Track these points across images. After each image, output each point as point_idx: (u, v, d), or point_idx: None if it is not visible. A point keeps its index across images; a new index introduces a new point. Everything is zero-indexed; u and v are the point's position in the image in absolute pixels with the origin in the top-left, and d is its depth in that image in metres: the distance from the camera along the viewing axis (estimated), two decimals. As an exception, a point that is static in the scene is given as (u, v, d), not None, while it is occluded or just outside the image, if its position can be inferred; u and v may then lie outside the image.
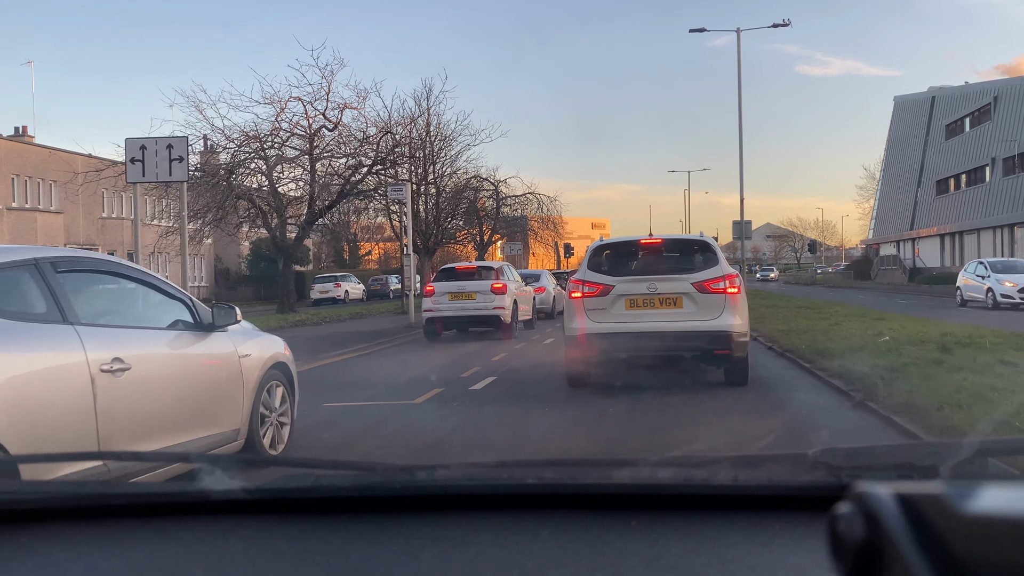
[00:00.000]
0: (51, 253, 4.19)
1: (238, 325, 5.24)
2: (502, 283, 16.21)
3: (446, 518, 1.37)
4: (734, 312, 7.96)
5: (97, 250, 22.68)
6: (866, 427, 6.28)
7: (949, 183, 50.55)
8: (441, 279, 17.02)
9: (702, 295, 7.94)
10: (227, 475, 1.49)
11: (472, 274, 16.94)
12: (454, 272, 17.33)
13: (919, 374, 7.94)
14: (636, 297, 8.04)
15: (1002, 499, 0.64)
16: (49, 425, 3.62)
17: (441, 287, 16.43)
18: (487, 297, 15.98)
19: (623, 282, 8.13)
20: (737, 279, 8.19)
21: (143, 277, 4.83)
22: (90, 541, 1.38)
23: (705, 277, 8.02)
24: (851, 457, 1.65)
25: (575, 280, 8.47)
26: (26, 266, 3.88)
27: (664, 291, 8.00)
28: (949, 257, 48.78)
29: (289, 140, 24.04)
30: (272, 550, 1.32)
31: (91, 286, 4.50)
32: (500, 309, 15.90)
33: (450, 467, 1.71)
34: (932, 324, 14.67)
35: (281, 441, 5.62)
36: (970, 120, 48.35)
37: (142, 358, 4.24)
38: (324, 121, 23.84)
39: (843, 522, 0.68)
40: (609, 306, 8.05)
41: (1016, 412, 5.95)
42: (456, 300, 16.12)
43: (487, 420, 7.09)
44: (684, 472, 1.49)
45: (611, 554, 1.21)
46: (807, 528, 1.23)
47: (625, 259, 8.80)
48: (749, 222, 28.57)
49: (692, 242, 8.95)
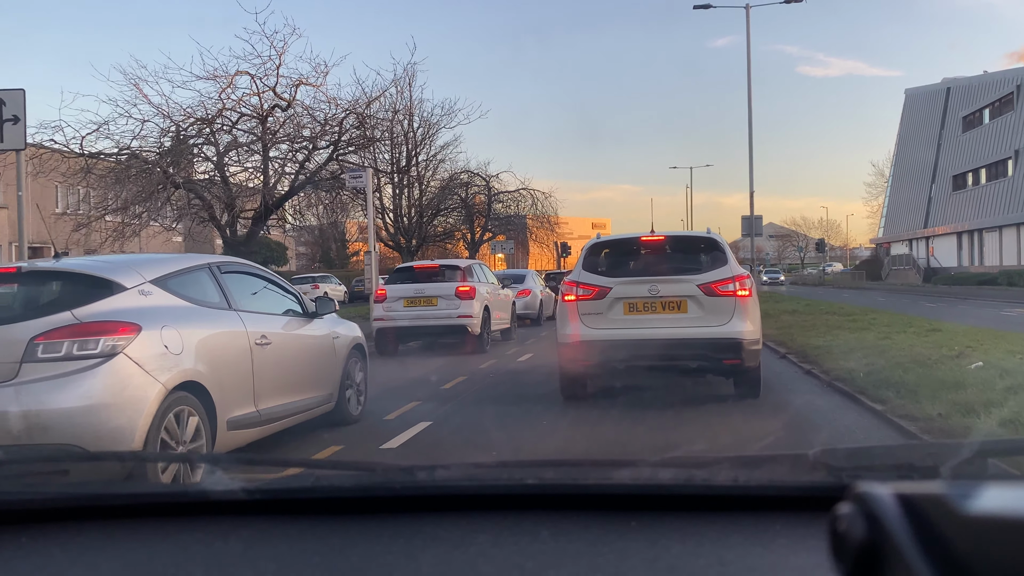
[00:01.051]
0: (216, 259, 5.87)
1: (331, 314, 6.87)
2: (470, 285, 13.52)
3: (446, 518, 1.37)
4: (745, 317, 7.23)
5: (49, 248, 21.41)
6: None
7: (967, 178, 47.92)
8: (395, 280, 14.23)
9: (709, 298, 7.26)
10: (227, 475, 1.49)
11: (434, 274, 14.14)
12: (411, 272, 14.42)
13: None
14: (636, 300, 7.37)
15: (1002, 499, 0.64)
16: (228, 378, 5.04)
17: (395, 290, 13.65)
18: (451, 303, 13.31)
19: (622, 284, 7.44)
20: (748, 280, 7.46)
21: (267, 276, 6.49)
22: (90, 542, 1.38)
23: (713, 278, 7.32)
24: (851, 457, 1.66)
25: (569, 282, 7.75)
26: (204, 268, 5.50)
27: (667, 294, 7.33)
28: (967, 256, 46.45)
29: (239, 122, 20.66)
30: (272, 551, 1.32)
31: (238, 282, 5.83)
32: (466, 317, 13.23)
33: (450, 467, 1.71)
34: (1014, 338, 11.19)
35: (360, 404, 7.21)
36: (989, 111, 45.79)
37: (277, 336, 5.79)
38: (276, 99, 20.51)
39: (844, 522, 0.68)
40: (606, 310, 7.38)
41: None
42: (413, 307, 13.40)
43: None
44: (684, 473, 1.49)
45: (611, 555, 1.21)
46: (808, 529, 1.23)
47: (624, 258, 8.08)
48: (760, 217, 25.95)
49: (698, 239, 8.19)
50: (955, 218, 47.99)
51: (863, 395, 7.20)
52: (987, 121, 46.22)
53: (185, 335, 4.73)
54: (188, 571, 1.26)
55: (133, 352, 4.33)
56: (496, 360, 12.00)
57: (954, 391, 6.59)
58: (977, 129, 47.08)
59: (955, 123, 49.62)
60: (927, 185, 52.37)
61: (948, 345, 10.25)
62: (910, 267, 51.50)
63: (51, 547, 1.36)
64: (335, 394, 6.64)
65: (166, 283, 4.99)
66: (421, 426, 6.67)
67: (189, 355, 4.69)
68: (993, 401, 6.09)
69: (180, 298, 5.02)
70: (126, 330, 4.36)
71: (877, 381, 7.61)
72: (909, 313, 18.55)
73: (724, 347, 7.18)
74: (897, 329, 13.49)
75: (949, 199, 49.43)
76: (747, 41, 24.85)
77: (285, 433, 5.91)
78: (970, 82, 49.05)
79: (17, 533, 1.40)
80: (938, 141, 51.49)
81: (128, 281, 4.73)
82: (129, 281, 4.73)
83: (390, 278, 14.85)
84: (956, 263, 46.89)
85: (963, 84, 49.81)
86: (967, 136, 47.94)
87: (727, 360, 7.23)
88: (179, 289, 5.07)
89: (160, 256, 5.91)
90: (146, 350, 4.40)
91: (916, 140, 53.77)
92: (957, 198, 48.61)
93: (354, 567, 1.24)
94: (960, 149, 48.55)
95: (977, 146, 46.57)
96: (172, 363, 4.53)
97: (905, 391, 6.95)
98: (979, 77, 48.66)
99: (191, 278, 5.30)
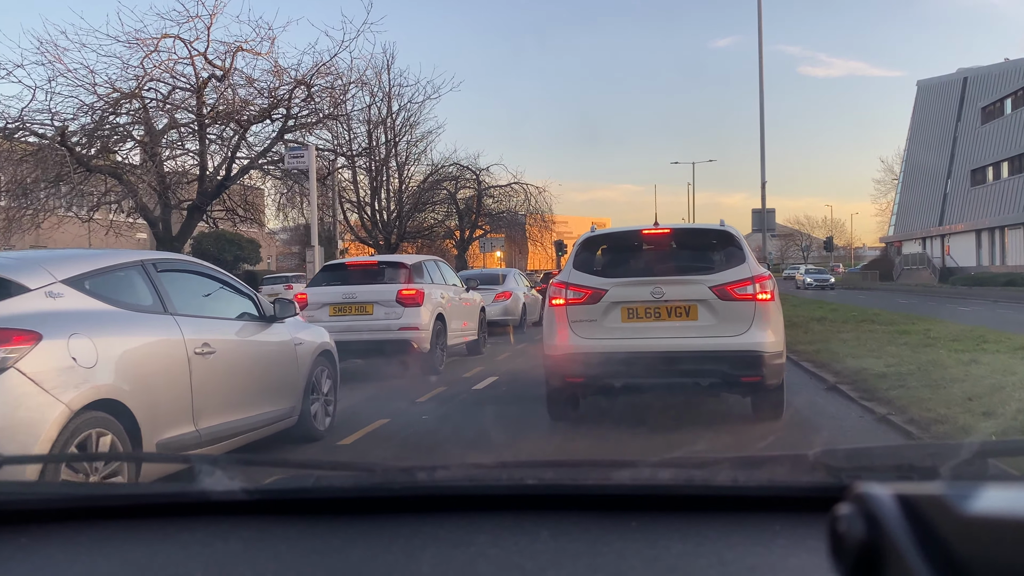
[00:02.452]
0: (151, 256, 5.17)
1: (294, 317, 6.23)
2: (416, 288, 10.56)
3: (446, 519, 1.37)
4: (766, 325, 6.18)
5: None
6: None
7: (986, 172, 45.07)
8: (321, 282, 11.20)
9: (724, 303, 6.19)
10: (227, 476, 1.49)
11: (371, 274, 11.12)
12: (342, 271, 11.46)
13: None
14: (636, 305, 6.31)
15: (1002, 500, 0.65)
16: (158, 395, 4.42)
17: (319, 295, 10.67)
18: (391, 310, 10.37)
19: (619, 285, 6.39)
20: (770, 282, 6.37)
21: (216, 275, 5.73)
22: (89, 542, 1.38)
23: (728, 279, 6.25)
24: (851, 458, 1.66)
25: (557, 283, 6.65)
26: (135, 266, 4.80)
27: (674, 297, 6.28)
28: (987, 255, 43.60)
29: (172, 96, 17.14)
30: (272, 551, 1.32)
31: (179, 283, 5.21)
32: (410, 329, 10.26)
33: (450, 467, 1.71)
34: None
35: (328, 416, 6.57)
36: (1012, 101, 43.03)
37: (224, 343, 5.16)
38: (210, 68, 17.13)
39: (843, 523, 0.68)
40: (600, 317, 6.34)
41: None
42: (341, 316, 10.42)
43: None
44: (684, 473, 1.49)
45: (611, 555, 1.21)
46: (807, 529, 1.23)
47: (623, 255, 7.05)
48: (772, 211, 22.81)
49: (710, 233, 7.01)
50: (974, 215, 45.16)
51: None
52: (1009, 111, 43.35)
53: (101, 345, 4.07)
54: (188, 571, 1.26)
55: (28, 366, 3.66)
56: (446, 387, 9.14)
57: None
58: (997, 120, 44.26)
59: (973, 115, 46.69)
60: (942, 181, 49.58)
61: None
62: (924, 267, 48.97)
63: (51, 547, 1.36)
64: (298, 407, 5.99)
65: (83, 283, 4.31)
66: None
67: (106, 368, 4.03)
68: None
69: (100, 300, 4.34)
70: (21, 339, 3.68)
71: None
72: (952, 320, 16.18)
73: (742, 361, 6.10)
74: (967, 344, 10.81)
75: (967, 195, 46.64)
76: (758, 15, 22.16)
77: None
78: (989, 71, 46.03)
79: (17, 533, 1.40)
80: (954, 134, 48.69)
81: (32, 281, 4.07)
82: (34, 281, 4.07)
83: (314, 278, 11.84)
84: (975, 262, 44.23)
85: (981, 73, 46.71)
86: (986, 128, 45.04)
87: (745, 377, 6.14)
88: (99, 290, 4.39)
89: (79, 252, 5.09)
90: (46, 363, 3.73)
91: (930, 134, 50.96)
92: (976, 194, 45.78)
93: (354, 567, 1.25)
94: (979, 142, 45.67)
95: (998, 138, 43.75)
96: (80, 378, 3.86)
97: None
98: (999, 65, 45.73)
99: (116, 277, 4.61)
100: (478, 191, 33.67)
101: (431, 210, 33.04)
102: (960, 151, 48.15)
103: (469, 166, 33.30)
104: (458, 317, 11.90)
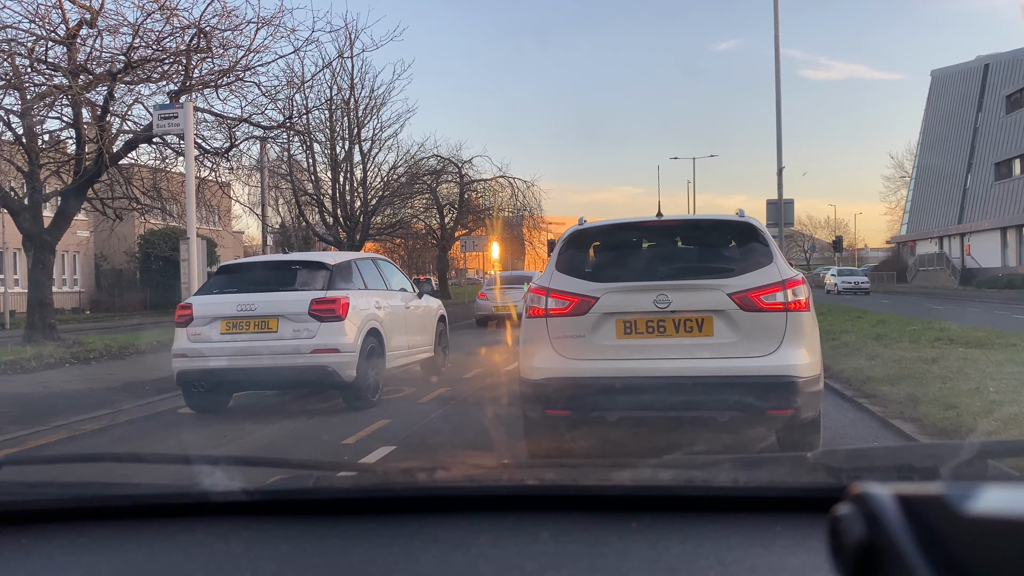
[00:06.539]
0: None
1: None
2: (335, 297, 8.05)
3: (446, 519, 1.37)
4: (800, 342, 4.81)
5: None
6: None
7: (1013, 165, 40.58)
8: (213, 288, 8.61)
9: (747, 314, 4.82)
10: (227, 476, 1.49)
11: (278, 278, 8.52)
12: (243, 274, 8.81)
13: None
14: (635, 317, 4.93)
15: (1002, 500, 0.65)
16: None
17: (208, 306, 8.12)
18: (301, 327, 7.88)
19: (613, 292, 5.00)
20: (804, 287, 4.96)
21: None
22: (90, 542, 1.38)
23: (752, 284, 4.87)
24: (851, 458, 1.66)
25: (536, 289, 5.24)
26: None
27: (683, 307, 4.89)
28: (1014, 255, 39.55)
29: (37, 48, 13.78)
30: (272, 551, 1.32)
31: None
32: (327, 352, 7.83)
33: (450, 468, 1.71)
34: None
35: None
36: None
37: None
38: (81, 12, 13.80)
39: (843, 523, 0.68)
40: (590, 332, 4.96)
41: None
42: (236, 333, 7.93)
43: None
44: (684, 474, 1.49)
45: (611, 556, 1.21)
46: (808, 529, 1.23)
47: (618, 254, 5.62)
48: (791, 201, 20.12)
49: (728, 225, 5.56)
50: (998, 211, 41.14)
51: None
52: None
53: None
54: (188, 572, 1.26)
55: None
56: (386, 426, 7.07)
57: None
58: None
59: (996, 104, 42.72)
60: (961, 175, 45.54)
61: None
62: (942, 268, 45.08)
63: (51, 548, 1.36)
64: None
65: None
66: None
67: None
68: None
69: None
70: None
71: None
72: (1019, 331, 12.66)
73: (770, 389, 4.73)
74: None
75: (990, 190, 42.64)
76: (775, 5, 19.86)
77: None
78: (1015, 56, 41.68)
79: (17, 534, 1.40)
80: (974, 125, 44.81)
81: None
82: None
83: (205, 284, 9.35)
84: (1000, 262, 40.37)
85: (1005, 59, 42.74)
86: (1012, 117, 41.08)
87: (774, 410, 4.78)
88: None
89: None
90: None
91: (947, 126, 47.04)
92: (1001, 189, 41.61)
93: (354, 567, 1.25)
94: (1004, 133, 41.70)
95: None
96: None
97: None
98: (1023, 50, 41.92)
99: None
100: (460, 184, 31.34)
101: (407, 205, 30.29)
102: (981, 143, 44.35)
103: (450, 158, 30.84)
104: (404, 331, 9.45)
